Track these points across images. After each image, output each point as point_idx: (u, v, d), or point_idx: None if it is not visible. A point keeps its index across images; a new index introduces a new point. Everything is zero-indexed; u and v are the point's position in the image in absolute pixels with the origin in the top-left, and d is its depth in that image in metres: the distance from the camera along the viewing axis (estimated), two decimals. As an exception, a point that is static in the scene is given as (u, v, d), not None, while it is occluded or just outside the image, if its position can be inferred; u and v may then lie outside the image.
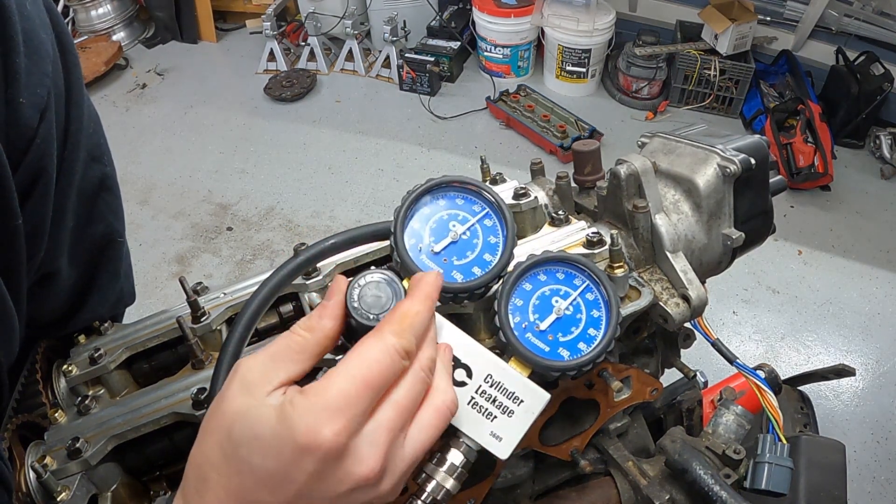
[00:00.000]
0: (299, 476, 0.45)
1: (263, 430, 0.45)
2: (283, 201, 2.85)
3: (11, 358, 0.72)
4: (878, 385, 2.17)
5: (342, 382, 0.46)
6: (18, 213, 0.68)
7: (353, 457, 0.46)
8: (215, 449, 0.48)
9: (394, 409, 0.48)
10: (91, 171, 0.83)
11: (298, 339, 0.50)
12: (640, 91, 3.35)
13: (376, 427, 0.47)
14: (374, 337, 0.49)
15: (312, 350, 0.50)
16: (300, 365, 0.50)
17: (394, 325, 0.50)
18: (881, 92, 2.98)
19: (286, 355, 0.50)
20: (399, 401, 0.49)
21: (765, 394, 0.80)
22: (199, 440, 0.50)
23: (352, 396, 0.46)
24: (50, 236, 0.76)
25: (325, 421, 0.45)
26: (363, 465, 0.46)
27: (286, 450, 0.45)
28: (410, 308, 0.51)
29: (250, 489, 0.46)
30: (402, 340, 0.49)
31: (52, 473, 0.68)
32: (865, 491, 1.88)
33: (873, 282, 2.52)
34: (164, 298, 2.39)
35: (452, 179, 0.61)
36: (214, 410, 0.49)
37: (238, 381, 0.48)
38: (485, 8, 3.36)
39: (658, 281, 0.79)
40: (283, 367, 0.49)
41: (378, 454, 0.47)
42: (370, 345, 0.49)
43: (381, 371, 0.47)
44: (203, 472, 0.48)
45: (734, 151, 0.79)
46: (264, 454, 0.45)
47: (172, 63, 3.72)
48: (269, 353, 0.50)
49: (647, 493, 0.77)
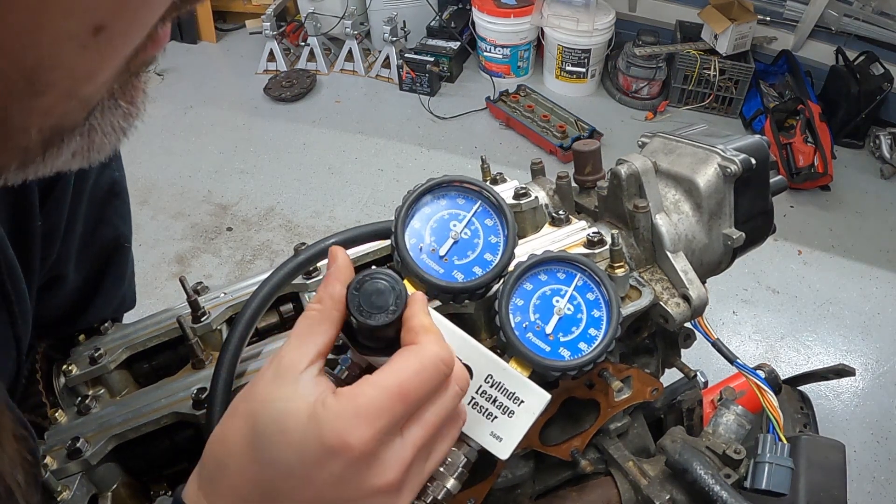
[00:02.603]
0: (320, 478, 0.45)
1: (292, 425, 0.45)
2: (283, 201, 2.85)
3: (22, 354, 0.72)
4: (878, 385, 2.17)
5: (376, 391, 0.46)
6: (38, 214, 0.69)
7: (378, 466, 0.46)
8: (238, 434, 0.47)
9: (425, 427, 0.48)
10: (102, 176, 0.83)
11: (314, 313, 0.51)
12: (640, 91, 3.35)
13: (404, 443, 0.47)
14: (413, 349, 0.49)
15: (331, 316, 0.51)
16: (325, 335, 0.50)
17: (426, 335, 0.49)
18: (881, 92, 2.98)
19: (309, 330, 0.50)
20: (431, 420, 0.48)
21: (765, 394, 0.80)
22: (224, 422, 0.49)
23: (385, 406, 0.45)
24: (61, 240, 0.76)
25: (355, 427, 0.44)
26: (385, 478, 0.46)
27: (311, 449, 0.44)
28: (425, 320, 0.51)
29: (268, 483, 0.46)
30: (442, 351, 0.49)
31: (52, 473, 0.68)
32: (865, 491, 1.88)
33: (873, 282, 2.52)
34: (164, 298, 2.39)
35: (453, 179, 0.61)
36: (245, 394, 0.49)
37: (273, 367, 0.48)
38: (484, 8, 3.36)
39: (658, 281, 0.79)
40: (311, 340, 0.49)
41: (401, 468, 0.46)
42: (408, 356, 0.48)
43: (420, 383, 0.47)
44: (221, 458, 0.48)
45: (735, 151, 0.79)
46: (288, 450, 0.45)
47: (172, 63, 3.72)
48: (294, 335, 0.50)
49: (648, 493, 0.77)
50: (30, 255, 0.70)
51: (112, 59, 0.35)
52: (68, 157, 0.40)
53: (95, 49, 0.33)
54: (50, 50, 0.31)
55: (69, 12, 0.30)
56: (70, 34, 0.31)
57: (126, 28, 0.34)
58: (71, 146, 0.39)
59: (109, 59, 0.35)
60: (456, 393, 0.50)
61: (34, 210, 0.68)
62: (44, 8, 0.30)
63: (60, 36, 0.31)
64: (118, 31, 0.33)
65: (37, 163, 0.39)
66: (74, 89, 0.34)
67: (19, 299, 0.67)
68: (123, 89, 0.40)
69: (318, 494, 0.45)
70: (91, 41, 0.32)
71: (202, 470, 0.50)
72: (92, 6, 0.31)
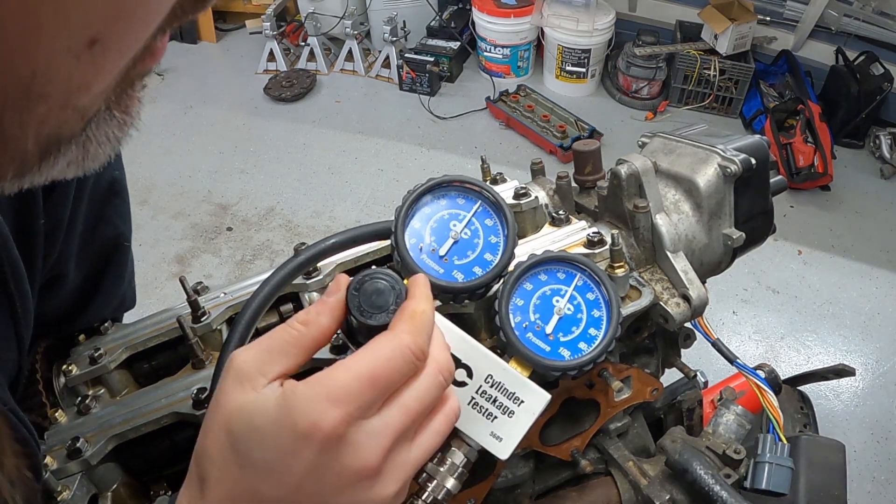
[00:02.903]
0: (298, 466, 0.45)
1: (262, 420, 0.45)
2: (283, 201, 2.85)
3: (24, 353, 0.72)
4: (878, 385, 2.17)
5: (346, 374, 0.46)
6: (42, 212, 0.69)
7: (352, 448, 0.45)
8: (215, 445, 0.47)
9: (402, 411, 0.48)
10: (103, 174, 0.83)
11: (294, 332, 0.50)
12: (640, 91, 3.35)
13: (380, 424, 0.47)
14: (388, 335, 0.49)
15: (307, 344, 0.50)
16: (295, 359, 0.49)
17: (407, 323, 0.49)
18: (881, 92, 2.98)
19: (281, 348, 0.49)
20: (409, 404, 0.48)
21: (765, 394, 0.80)
22: (201, 437, 0.50)
23: (354, 389, 0.45)
24: (63, 238, 0.76)
25: (326, 409, 0.44)
26: (361, 460, 0.46)
27: (285, 437, 0.45)
28: (417, 306, 0.51)
29: (250, 483, 0.46)
30: (416, 339, 0.48)
31: (52, 473, 0.68)
32: (865, 491, 1.88)
33: (873, 282, 2.52)
34: (163, 298, 2.38)
35: (453, 179, 0.61)
36: (213, 407, 0.49)
37: (233, 375, 0.48)
38: (484, 8, 3.36)
39: (658, 281, 0.79)
40: (279, 359, 0.49)
41: (377, 449, 0.46)
42: (382, 342, 0.48)
43: (390, 369, 0.47)
44: (204, 470, 0.48)
45: (735, 151, 0.79)
46: (263, 445, 0.45)
47: (172, 63, 3.72)
48: (264, 345, 0.49)
49: (648, 493, 0.77)
50: (33, 252, 0.70)
51: (108, 70, 0.35)
52: (63, 166, 0.40)
53: (90, 61, 0.33)
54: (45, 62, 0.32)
55: (64, 27, 0.31)
56: (65, 48, 0.32)
57: (121, 40, 0.34)
58: (67, 156, 0.39)
59: (105, 71, 0.35)
60: (438, 382, 0.50)
61: (37, 207, 0.68)
62: (38, 23, 0.30)
63: (55, 49, 0.31)
64: (113, 43, 0.33)
65: (33, 172, 0.39)
66: (70, 99, 0.35)
67: (22, 298, 0.67)
68: (119, 100, 0.40)
69: (298, 484, 0.45)
70: (86, 53, 0.32)
71: (189, 484, 0.50)
72: (86, 20, 0.31)
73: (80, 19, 0.31)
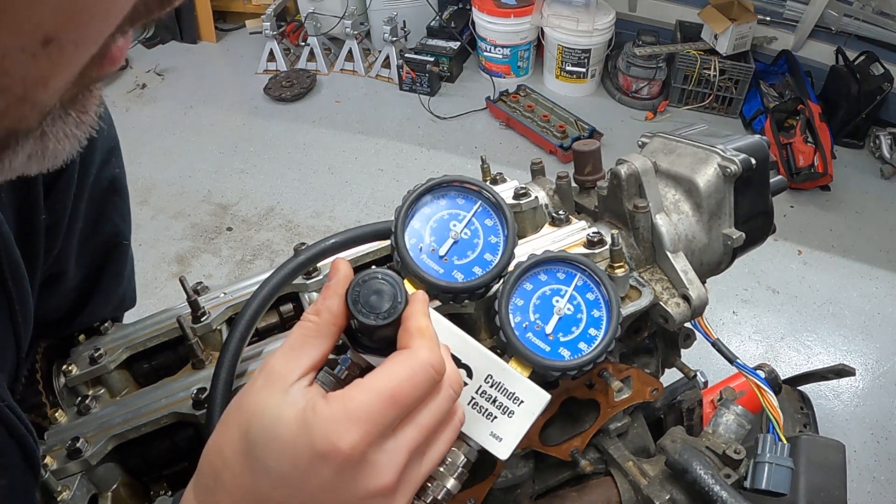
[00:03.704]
0: (313, 483, 0.45)
1: (282, 431, 0.45)
2: (283, 201, 2.85)
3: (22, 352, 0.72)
4: (878, 385, 2.17)
5: (366, 394, 0.46)
6: (43, 208, 0.69)
7: (370, 470, 0.46)
8: (232, 444, 0.47)
9: (418, 429, 0.48)
10: (103, 172, 0.83)
11: (308, 324, 0.51)
12: (640, 91, 3.35)
13: (397, 445, 0.47)
14: (404, 353, 0.49)
15: (326, 330, 0.51)
16: (319, 348, 0.50)
17: (419, 339, 0.49)
18: (881, 92, 2.98)
19: (303, 342, 0.50)
20: (425, 422, 0.48)
21: (765, 394, 0.80)
22: (217, 432, 0.49)
23: (375, 409, 0.45)
24: (63, 235, 0.76)
25: (345, 430, 0.44)
26: (378, 480, 0.46)
27: (303, 455, 0.45)
28: (422, 322, 0.51)
29: (262, 491, 0.46)
30: (433, 356, 0.49)
31: (52, 473, 0.68)
32: (865, 491, 1.88)
33: (873, 282, 2.52)
34: (163, 298, 2.38)
35: (453, 179, 0.61)
36: (236, 403, 0.49)
37: (264, 375, 0.49)
38: (484, 8, 3.36)
39: (658, 281, 0.79)
40: (304, 353, 0.49)
41: (395, 470, 0.46)
42: (400, 360, 0.48)
43: (411, 387, 0.47)
44: (216, 469, 0.48)
45: (734, 151, 0.80)
46: (280, 457, 0.45)
47: (172, 63, 3.72)
48: (288, 344, 0.50)
49: (648, 493, 0.77)
50: (34, 249, 0.70)
51: (65, 67, 0.36)
52: (24, 159, 0.40)
53: (46, 58, 0.33)
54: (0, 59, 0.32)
55: (16, 27, 0.31)
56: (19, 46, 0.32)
57: (77, 39, 0.34)
58: (26, 149, 0.40)
59: (62, 68, 0.35)
60: (449, 396, 0.50)
61: (39, 203, 0.68)
62: None
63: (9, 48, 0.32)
64: (69, 42, 0.34)
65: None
66: (28, 94, 0.35)
67: (21, 297, 0.67)
68: (74, 100, 0.41)
69: (311, 500, 0.45)
70: (41, 52, 0.33)
71: (198, 480, 0.50)
72: (39, 20, 0.31)
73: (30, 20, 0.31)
